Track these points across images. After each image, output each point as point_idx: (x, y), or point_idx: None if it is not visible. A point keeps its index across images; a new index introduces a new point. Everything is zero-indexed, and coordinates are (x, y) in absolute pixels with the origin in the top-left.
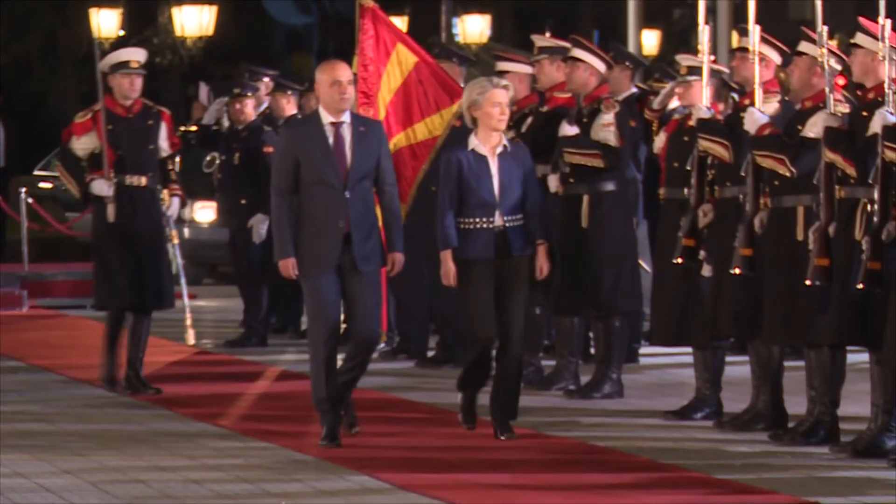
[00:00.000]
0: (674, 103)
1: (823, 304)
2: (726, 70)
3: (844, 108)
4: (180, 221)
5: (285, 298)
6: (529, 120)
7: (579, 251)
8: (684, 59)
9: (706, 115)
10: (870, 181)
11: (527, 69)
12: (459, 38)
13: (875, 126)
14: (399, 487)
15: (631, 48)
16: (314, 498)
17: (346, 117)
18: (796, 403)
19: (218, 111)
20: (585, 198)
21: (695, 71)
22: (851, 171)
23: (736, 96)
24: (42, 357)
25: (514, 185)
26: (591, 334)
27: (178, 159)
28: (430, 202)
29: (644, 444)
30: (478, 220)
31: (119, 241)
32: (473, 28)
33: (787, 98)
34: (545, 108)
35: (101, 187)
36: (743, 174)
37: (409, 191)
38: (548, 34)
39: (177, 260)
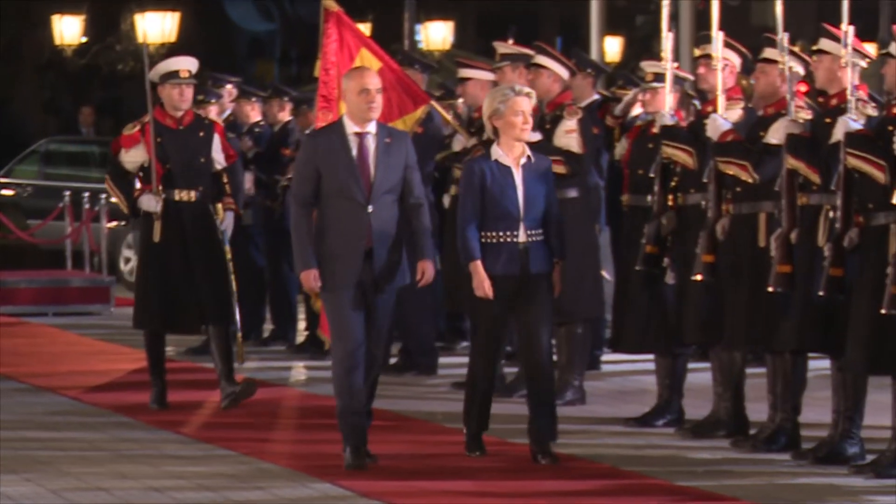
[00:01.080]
0: (636, 110)
1: (785, 310)
2: (691, 77)
3: (807, 115)
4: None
5: (248, 306)
6: None
7: None
8: (649, 66)
9: (670, 121)
10: (832, 188)
11: (489, 76)
12: (422, 45)
13: (838, 133)
14: (361, 495)
15: (593, 55)
16: None
17: (372, 127)
18: (758, 410)
19: None
20: None
21: (660, 78)
22: (815, 177)
23: (698, 103)
24: (4, 365)
25: (539, 198)
26: (553, 341)
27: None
28: None
29: (606, 451)
30: (501, 233)
31: (162, 260)
32: (436, 35)
33: (749, 105)
34: None
35: (149, 202)
36: (706, 180)
37: None
38: (510, 41)
39: (230, 278)
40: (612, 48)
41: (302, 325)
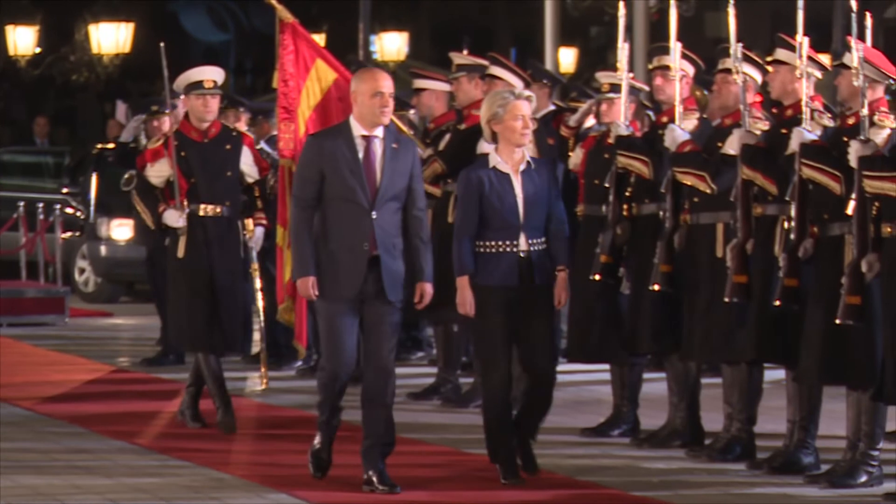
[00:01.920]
0: (590, 121)
1: (741, 320)
2: (646, 87)
3: (764, 126)
4: (98, 240)
5: None
6: (447, 137)
7: None
8: (604, 77)
9: (625, 132)
10: (787, 198)
11: (444, 87)
12: (377, 56)
13: (794, 144)
14: None
15: (548, 66)
16: None
17: (380, 131)
18: (713, 420)
19: (136, 129)
20: None
21: (616, 88)
22: (772, 188)
23: (652, 114)
24: None
25: (540, 206)
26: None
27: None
28: None
29: (562, 462)
30: (500, 243)
31: (188, 277)
32: (391, 45)
33: (704, 115)
34: (463, 126)
35: (173, 218)
36: (663, 190)
37: None
38: (465, 51)
39: (258, 295)
40: (567, 59)
41: (257, 335)
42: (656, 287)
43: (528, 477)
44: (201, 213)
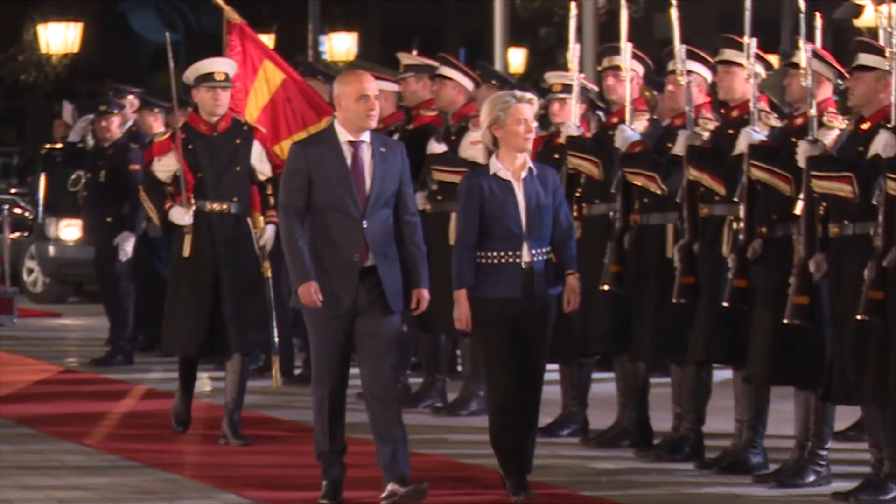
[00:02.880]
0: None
1: (690, 321)
2: (596, 88)
3: (712, 126)
4: (47, 240)
5: (151, 317)
6: (395, 137)
7: (447, 268)
8: (555, 77)
9: (575, 132)
10: (735, 199)
11: (393, 87)
12: (327, 56)
13: (741, 145)
14: None
15: (497, 66)
16: None
17: (366, 136)
18: (662, 420)
19: (83, 129)
20: (453, 215)
21: (567, 88)
22: (719, 188)
23: (602, 115)
24: None
25: (543, 214)
26: (458, 352)
27: None
28: None
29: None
30: (503, 253)
31: (191, 277)
32: (340, 46)
33: (654, 116)
34: (411, 126)
35: (179, 215)
36: (613, 191)
37: None
38: (414, 52)
39: (269, 295)
40: (516, 59)
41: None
42: (606, 287)
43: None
44: (208, 209)
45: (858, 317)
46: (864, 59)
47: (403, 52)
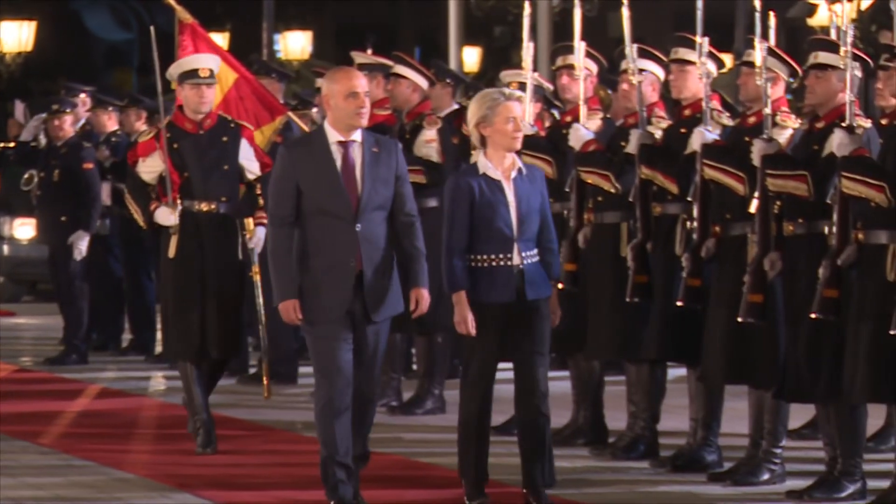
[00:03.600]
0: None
1: (644, 320)
2: (550, 86)
3: (665, 125)
4: (1, 239)
5: (106, 316)
6: None
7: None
8: (509, 76)
9: (530, 131)
10: (688, 198)
11: None
12: (281, 55)
13: (694, 144)
14: None
15: (452, 65)
16: None
17: (357, 135)
18: (616, 418)
19: (36, 128)
20: None
21: (522, 87)
22: (672, 187)
23: (556, 113)
24: None
25: (532, 215)
26: (413, 350)
27: None
28: None
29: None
30: (493, 256)
31: (178, 279)
32: (295, 44)
33: (607, 115)
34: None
35: (164, 215)
36: (567, 190)
37: None
38: (369, 51)
39: (258, 298)
40: (471, 58)
41: (160, 334)
42: (560, 286)
43: None
44: (195, 209)
45: (813, 315)
46: (825, 57)
47: (358, 50)
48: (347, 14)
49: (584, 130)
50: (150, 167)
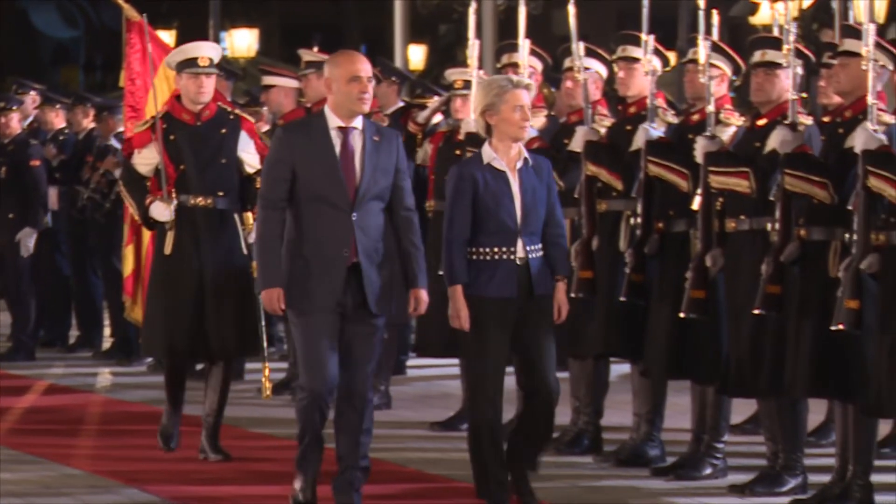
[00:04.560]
0: (437, 117)
1: (588, 315)
2: None
3: (608, 122)
4: None
5: (54, 312)
6: None
7: None
8: (455, 73)
9: (474, 128)
10: (633, 195)
11: (293, 83)
12: (227, 52)
13: (639, 141)
14: (169, 500)
15: (398, 63)
16: None
17: (358, 122)
18: (560, 413)
19: None
20: None
21: (469, 85)
22: (617, 183)
23: None
24: None
25: (538, 208)
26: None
27: None
28: None
29: (412, 455)
30: (497, 249)
31: (174, 276)
32: (241, 42)
33: (552, 113)
34: None
35: (160, 211)
36: None
37: None
38: (315, 49)
39: (258, 296)
40: (416, 56)
41: (107, 331)
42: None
43: None
44: (191, 203)
45: (755, 311)
46: (774, 55)
47: (304, 48)
48: (294, 12)
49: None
50: (147, 159)
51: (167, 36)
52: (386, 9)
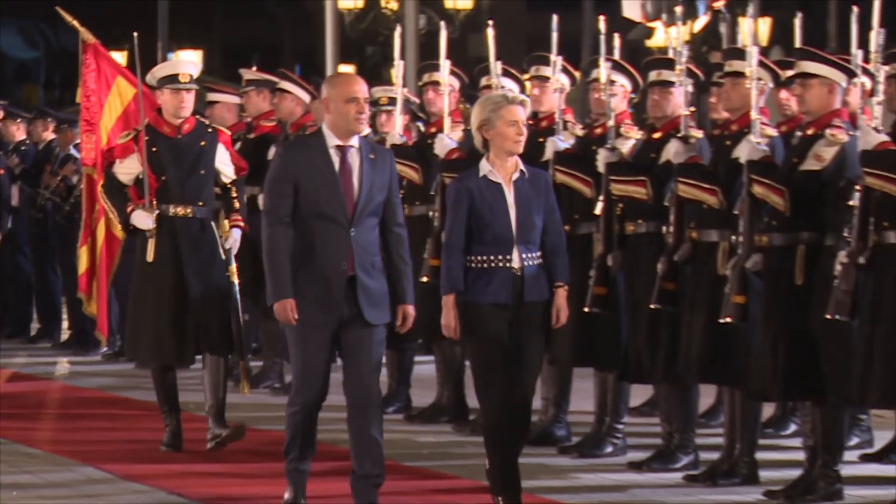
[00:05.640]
0: (365, 130)
1: None
2: (417, 100)
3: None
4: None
5: (16, 307)
6: (238, 145)
7: None
8: (381, 91)
9: (398, 140)
10: None
11: (235, 99)
12: None
13: (548, 152)
14: (121, 477)
15: None
16: (44, 489)
17: (355, 141)
18: (475, 398)
19: None
20: None
21: (393, 101)
22: None
23: (422, 125)
24: None
25: (533, 218)
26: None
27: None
28: None
29: (341, 436)
30: (492, 257)
31: (157, 283)
32: None
33: (468, 127)
34: (252, 135)
35: (141, 219)
36: (433, 193)
37: None
38: (254, 68)
39: (236, 299)
40: None
41: (65, 324)
42: (425, 279)
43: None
44: (171, 213)
45: (652, 306)
46: (668, 75)
47: (244, 68)
48: (234, 34)
49: (447, 140)
50: (128, 169)
51: (119, 56)
52: (318, 32)
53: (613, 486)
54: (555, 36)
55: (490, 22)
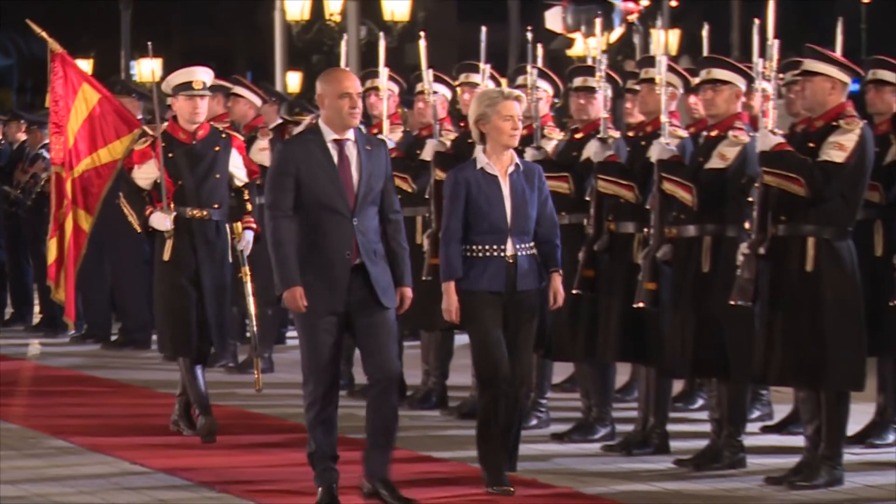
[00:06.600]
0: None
1: (438, 296)
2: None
3: (452, 136)
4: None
5: None
6: None
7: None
8: None
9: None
10: None
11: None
12: (136, 77)
13: (426, 153)
14: (89, 449)
15: (278, 87)
16: (18, 460)
17: (351, 134)
18: (413, 376)
19: None
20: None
21: None
22: None
23: (363, 127)
24: None
25: (528, 209)
26: (246, 321)
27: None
28: (113, 214)
29: (290, 411)
30: (487, 247)
31: (174, 281)
32: (147, 70)
33: (407, 129)
34: None
35: (160, 221)
36: (427, 196)
37: (95, 205)
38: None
39: (248, 299)
40: (293, 81)
41: (37, 308)
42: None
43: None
44: (188, 215)
45: (574, 291)
46: (590, 81)
47: None
48: (191, 44)
49: (388, 141)
50: (146, 174)
51: (85, 64)
52: (268, 42)
53: (538, 456)
54: (483, 45)
55: (422, 33)
